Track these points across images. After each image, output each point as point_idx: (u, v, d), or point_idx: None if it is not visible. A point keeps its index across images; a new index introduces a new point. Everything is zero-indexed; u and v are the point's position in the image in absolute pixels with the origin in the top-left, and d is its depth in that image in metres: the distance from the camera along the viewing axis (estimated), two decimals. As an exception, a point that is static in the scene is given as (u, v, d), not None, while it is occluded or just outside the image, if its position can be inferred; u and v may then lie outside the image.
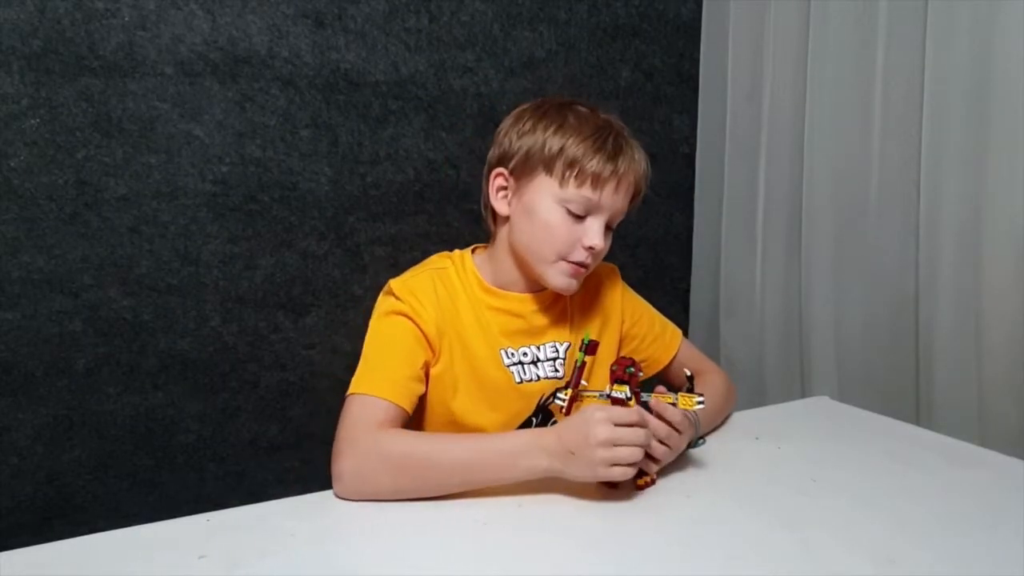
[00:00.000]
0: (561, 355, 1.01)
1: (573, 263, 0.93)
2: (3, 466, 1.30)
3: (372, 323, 0.97)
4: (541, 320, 1.01)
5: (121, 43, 1.28)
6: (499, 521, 0.77)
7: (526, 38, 1.62)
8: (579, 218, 0.93)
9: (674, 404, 0.85)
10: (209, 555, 0.70)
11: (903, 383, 1.40)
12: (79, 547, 0.72)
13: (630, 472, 0.80)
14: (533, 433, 0.84)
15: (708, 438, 1.00)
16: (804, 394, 1.58)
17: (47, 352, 1.30)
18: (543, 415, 1.02)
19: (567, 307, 1.04)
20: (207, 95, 1.36)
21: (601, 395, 0.85)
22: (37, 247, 1.27)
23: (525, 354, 1.00)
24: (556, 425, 0.85)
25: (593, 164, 0.91)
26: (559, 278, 0.94)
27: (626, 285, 1.11)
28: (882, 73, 1.40)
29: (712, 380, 1.09)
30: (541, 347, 1.01)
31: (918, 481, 0.88)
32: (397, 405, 0.87)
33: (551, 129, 0.94)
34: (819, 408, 1.20)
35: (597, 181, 0.91)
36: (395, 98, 1.51)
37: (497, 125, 1.03)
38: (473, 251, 1.05)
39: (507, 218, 0.98)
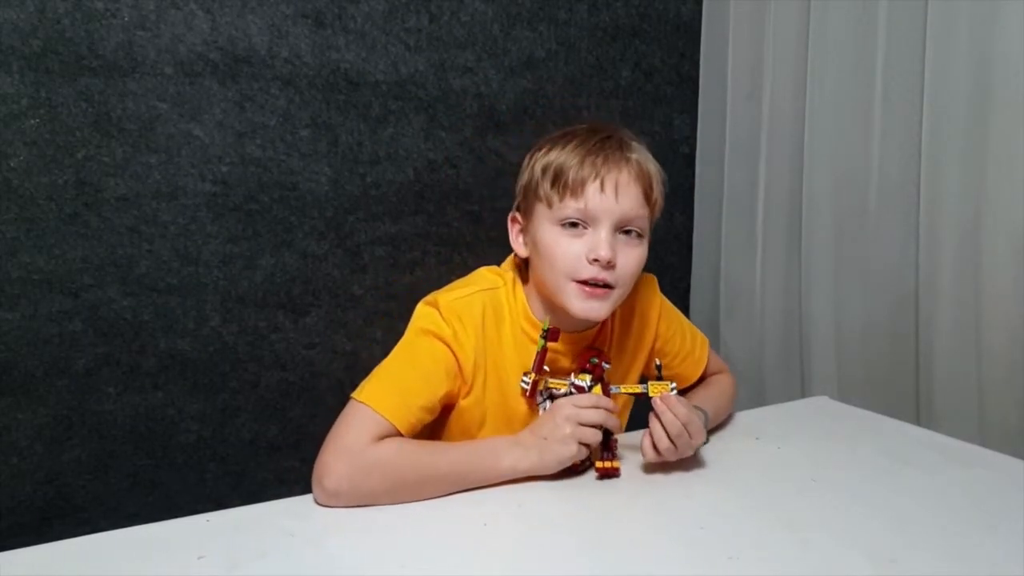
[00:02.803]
0: (588, 385, 0.95)
1: (582, 282, 0.88)
2: (3, 466, 1.30)
3: (408, 334, 0.93)
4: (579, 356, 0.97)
5: (121, 43, 1.28)
6: (499, 521, 0.77)
7: (526, 38, 1.62)
8: (579, 234, 0.89)
9: (645, 392, 0.87)
10: (209, 555, 0.70)
11: (903, 383, 1.40)
12: (79, 547, 0.72)
13: (597, 437, 0.86)
14: (513, 436, 0.89)
15: (709, 437, 1.00)
16: (804, 394, 1.58)
17: (47, 352, 1.30)
18: None
19: (607, 341, 1.00)
20: (207, 95, 1.36)
21: (568, 383, 0.90)
22: (37, 247, 1.27)
23: (557, 389, 0.98)
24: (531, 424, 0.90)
25: (572, 172, 0.88)
26: (575, 302, 0.88)
27: (664, 298, 1.06)
28: (882, 73, 1.40)
29: (721, 380, 1.11)
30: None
31: (918, 481, 0.88)
32: (397, 428, 0.85)
33: (539, 154, 0.93)
34: (819, 408, 1.19)
35: (578, 187, 0.88)
36: (395, 98, 1.51)
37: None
38: (518, 267, 1.00)
39: (528, 259, 0.96)
